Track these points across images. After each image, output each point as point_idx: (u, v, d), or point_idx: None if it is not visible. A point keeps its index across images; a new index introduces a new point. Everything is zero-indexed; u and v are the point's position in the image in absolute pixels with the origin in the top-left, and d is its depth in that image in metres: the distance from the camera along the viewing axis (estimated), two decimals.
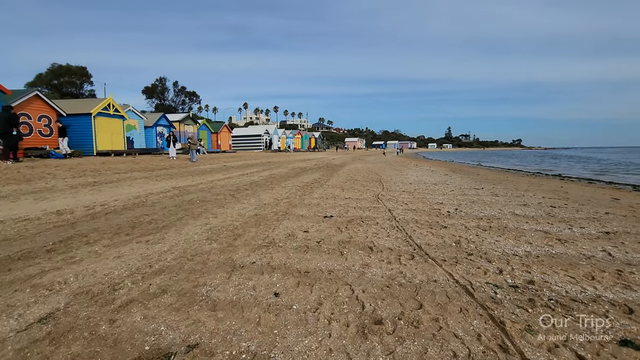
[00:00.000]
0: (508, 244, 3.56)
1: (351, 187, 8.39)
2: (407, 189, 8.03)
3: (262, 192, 7.36)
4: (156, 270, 2.76)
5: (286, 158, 24.75)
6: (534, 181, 11.35)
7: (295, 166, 16.18)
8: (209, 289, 2.43)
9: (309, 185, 8.53)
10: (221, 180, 9.46)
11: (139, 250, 3.29)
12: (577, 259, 3.08)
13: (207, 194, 7.02)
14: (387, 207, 5.64)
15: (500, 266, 2.90)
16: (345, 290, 2.42)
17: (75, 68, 39.72)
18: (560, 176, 15.12)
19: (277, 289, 2.43)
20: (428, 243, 3.60)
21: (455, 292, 2.38)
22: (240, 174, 11.40)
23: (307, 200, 6.27)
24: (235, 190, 7.50)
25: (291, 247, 3.45)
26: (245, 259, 3.06)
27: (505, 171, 18.25)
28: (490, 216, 4.98)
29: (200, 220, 4.57)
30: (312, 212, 5.21)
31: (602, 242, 3.66)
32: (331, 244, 3.57)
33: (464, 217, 4.94)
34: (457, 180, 10.49)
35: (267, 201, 6.16)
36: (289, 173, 12.28)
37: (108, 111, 16.69)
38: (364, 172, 13.34)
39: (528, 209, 5.55)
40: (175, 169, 12.62)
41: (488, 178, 12.04)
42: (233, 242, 3.58)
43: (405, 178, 10.95)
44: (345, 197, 6.69)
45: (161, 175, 10.35)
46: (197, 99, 61.22)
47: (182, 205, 5.70)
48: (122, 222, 4.43)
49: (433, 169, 16.66)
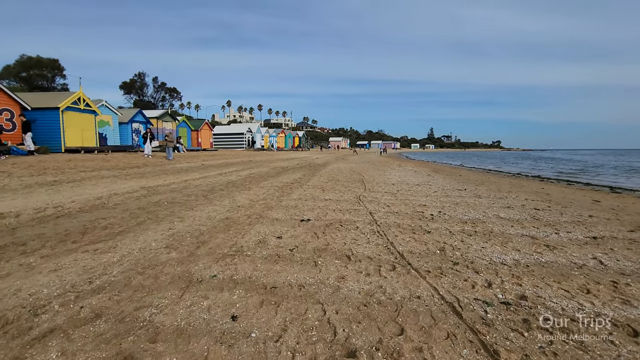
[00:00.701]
0: (495, 252, 3.32)
1: (332, 187, 8.08)
2: (390, 190, 7.79)
3: (238, 192, 6.94)
4: (95, 288, 2.35)
5: (268, 157, 24.21)
6: (515, 182, 11.39)
7: (277, 165, 15.75)
8: (154, 311, 2.04)
9: (288, 186, 8.16)
10: (196, 180, 8.95)
11: (83, 262, 2.84)
12: (569, 269, 2.86)
13: (178, 194, 6.54)
14: (368, 210, 5.35)
15: (489, 278, 2.64)
16: (316, 310, 2.09)
17: (47, 60, 37.48)
18: (540, 177, 15.35)
19: (236, 311, 2.07)
20: (411, 250, 3.32)
21: (441, 312, 2.09)
22: (218, 173, 10.89)
23: (285, 202, 5.91)
24: (209, 191, 7.04)
25: (260, 256, 3.09)
26: (206, 271, 2.68)
27: (486, 172, 18.44)
28: (474, 220, 4.77)
29: (164, 225, 4.14)
30: (289, 215, 4.86)
31: (591, 248, 3.48)
32: (305, 252, 3.24)
33: (448, 220, 4.71)
34: (440, 181, 10.37)
35: (241, 203, 5.76)
36: (270, 172, 11.86)
37: (78, 105, 15.70)
38: (347, 172, 13.08)
39: (512, 212, 5.38)
40: (149, 167, 11.96)
41: (470, 179, 12.01)
42: (195, 251, 3.18)
43: (387, 178, 10.74)
44: (325, 199, 6.37)
45: (132, 174, 9.72)
46: (177, 96, 59.44)
47: (147, 207, 5.22)
48: (72, 228, 3.94)
49: (416, 169, 16.60)
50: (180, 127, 26.09)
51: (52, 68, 37.84)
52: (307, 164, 17.35)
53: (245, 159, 20.30)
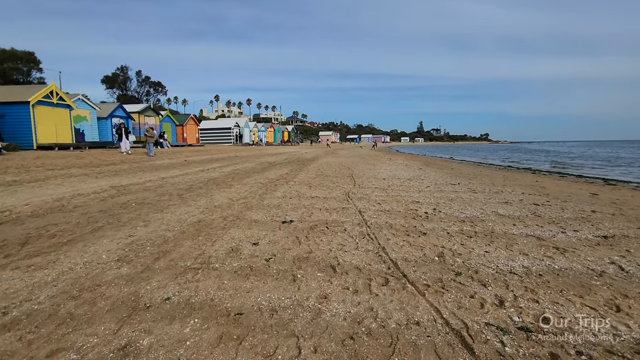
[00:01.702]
0: (501, 257, 2.92)
1: (320, 183, 7.62)
2: (381, 186, 7.37)
3: (217, 191, 6.42)
4: (7, 322, 1.84)
5: (256, 152, 23.55)
6: (508, 175, 11.12)
7: (264, 160, 15.19)
8: (74, 358, 1.55)
9: (273, 183, 7.66)
10: (175, 178, 8.37)
11: (7, 284, 2.32)
12: (588, 278, 2.47)
13: (151, 194, 5.98)
14: (357, 208, 4.91)
15: (499, 292, 2.22)
16: (288, 348, 1.63)
17: (21, 53, 35.45)
18: (532, 170, 15.18)
19: (185, 353, 1.59)
20: (405, 257, 2.88)
21: (447, 345, 1.66)
22: (200, 170, 10.30)
23: (268, 201, 5.42)
24: (186, 190, 6.50)
25: (230, 269, 2.61)
26: (158, 292, 2.19)
27: (477, 165, 18.23)
28: (473, 217, 4.38)
29: (124, 231, 3.61)
30: (270, 216, 4.38)
31: (605, 250, 3.11)
32: (284, 262, 2.77)
33: (444, 219, 4.30)
34: (432, 175, 10.01)
35: (219, 202, 5.25)
36: (255, 168, 11.32)
37: (51, 99, 14.74)
38: (336, 166, 12.63)
39: (511, 208, 5.02)
40: (126, 164, 11.27)
41: (462, 172, 11.70)
42: (153, 264, 2.68)
43: (378, 173, 10.33)
44: (312, 196, 5.91)
45: (105, 172, 9.06)
46: (162, 90, 57.70)
47: (110, 209, 4.67)
48: (13, 237, 3.38)
49: (407, 163, 16.26)
50: (164, 122, 25.13)
51: (27, 61, 35.94)
52: (296, 159, 16.83)
53: (231, 154, 19.63)
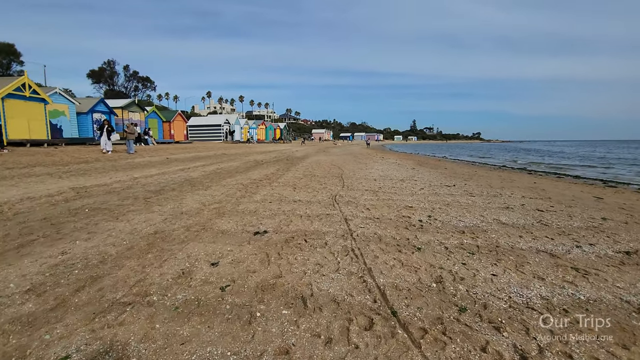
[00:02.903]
0: (512, 282, 2.38)
1: (306, 184, 7.04)
2: (371, 187, 6.83)
3: (191, 193, 5.79)
4: None
5: (245, 150, 22.83)
6: (504, 176, 10.68)
7: (251, 159, 14.54)
8: None
9: (255, 184, 7.05)
10: (149, 177, 7.70)
11: None
12: (627, 315, 1.94)
13: (114, 197, 5.33)
14: (343, 215, 4.35)
15: (519, 342, 1.67)
16: None
17: (0, 45, 34.09)
18: (527, 170, 14.82)
19: None
20: (396, 284, 2.33)
21: None
22: (180, 169, 9.62)
23: (244, 206, 4.83)
24: (155, 192, 5.86)
25: (170, 304, 2.02)
26: (56, 347, 1.59)
27: (471, 164, 17.84)
28: (473, 227, 3.85)
29: (58, 247, 2.99)
30: (242, 225, 3.79)
31: (633, 272, 2.59)
32: (243, 292, 2.19)
33: (441, 229, 3.76)
34: (426, 175, 9.50)
35: (188, 208, 4.64)
36: (240, 167, 10.68)
37: (23, 93, 13.82)
38: (326, 165, 12.05)
39: (514, 215, 4.51)
40: (100, 162, 10.52)
41: (457, 172, 11.23)
42: (71, 297, 2.08)
43: (369, 173, 9.79)
44: (294, 200, 5.33)
45: (73, 171, 8.34)
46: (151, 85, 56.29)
47: (56, 217, 4.02)
48: None
49: (399, 162, 15.77)
50: (149, 118, 24.20)
51: (6, 53, 34.35)
52: (285, 157, 16.21)
53: (219, 152, 18.91)
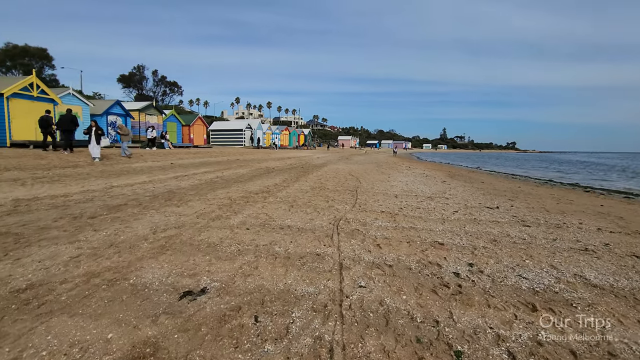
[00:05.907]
0: None
1: (308, 201, 5.69)
2: (389, 208, 5.36)
3: (156, 211, 4.63)
4: None
5: (262, 155, 21.86)
6: (557, 195, 8.75)
7: (263, 166, 13.41)
8: None
9: (245, 198, 5.80)
10: (127, 187, 6.68)
11: None
12: None
13: (52, 214, 4.26)
14: (339, 258, 2.95)
15: None
16: None
17: (34, 49, 35.21)
18: (579, 185, 12.58)
19: None
20: None
21: None
22: (174, 177, 8.60)
23: (207, 234, 3.57)
24: (113, 208, 4.74)
25: None
26: None
27: (511, 178, 15.67)
28: (546, 292, 2.33)
29: None
30: (177, 274, 2.51)
31: None
32: None
33: (493, 293, 2.27)
34: (460, 191, 7.85)
35: (128, 236, 3.43)
36: (244, 175, 9.53)
37: (30, 92, 13.51)
38: (343, 175, 10.64)
39: (605, 267, 2.90)
40: (91, 167, 9.73)
41: (497, 188, 9.42)
42: None
43: (391, 187, 8.26)
44: (282, 226, 4.00)
45: (49, 177, 7.50)
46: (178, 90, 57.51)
47: None
48: None
49: (427, 172, 14.03)
50: (168, 122, 23.93)
51: (39, 57, 35.84)
52: (301, 165, 14.96)
53: (232, 157, 18.02)
